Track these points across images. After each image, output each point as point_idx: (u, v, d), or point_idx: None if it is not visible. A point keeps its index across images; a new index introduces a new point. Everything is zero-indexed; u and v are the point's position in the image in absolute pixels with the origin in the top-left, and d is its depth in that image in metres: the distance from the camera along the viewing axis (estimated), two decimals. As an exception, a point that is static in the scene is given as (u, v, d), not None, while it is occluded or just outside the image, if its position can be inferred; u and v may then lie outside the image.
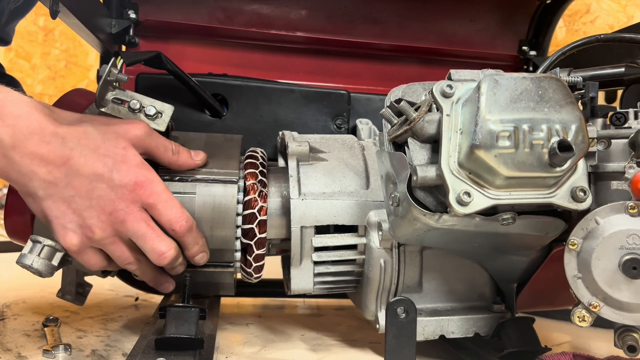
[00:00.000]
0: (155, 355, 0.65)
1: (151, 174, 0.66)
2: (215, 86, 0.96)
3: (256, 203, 0.73)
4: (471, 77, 0.64)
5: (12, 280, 1.18)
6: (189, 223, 0.68)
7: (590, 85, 0.64)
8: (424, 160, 0.62)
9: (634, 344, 0.58)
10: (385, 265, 0.72)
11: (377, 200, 0.74)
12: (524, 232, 0.62)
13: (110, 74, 0.71)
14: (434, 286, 0.75)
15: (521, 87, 0.57)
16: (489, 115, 0.55)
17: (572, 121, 0.56)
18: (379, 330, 0.73)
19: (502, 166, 0.55)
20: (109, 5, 0.99)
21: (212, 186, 0.72)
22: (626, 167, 0.58)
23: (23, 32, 2.57)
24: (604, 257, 0.57)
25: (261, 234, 0.73)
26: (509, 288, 0.75)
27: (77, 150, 0.63)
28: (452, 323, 0.73)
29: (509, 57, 1.16)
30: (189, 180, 0.72)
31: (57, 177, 0.62)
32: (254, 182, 0.74)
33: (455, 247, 0.72)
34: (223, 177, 0.73)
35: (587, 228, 0.59)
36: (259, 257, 0.74)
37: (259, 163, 0.77)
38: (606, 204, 0.59)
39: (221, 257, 0.74)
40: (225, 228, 0.73)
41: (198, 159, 0.73)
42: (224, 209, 0.72)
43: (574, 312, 0.59)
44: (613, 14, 1.70)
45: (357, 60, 1.11)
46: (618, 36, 0.72)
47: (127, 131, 0.67)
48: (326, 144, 0.81)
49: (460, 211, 0.57)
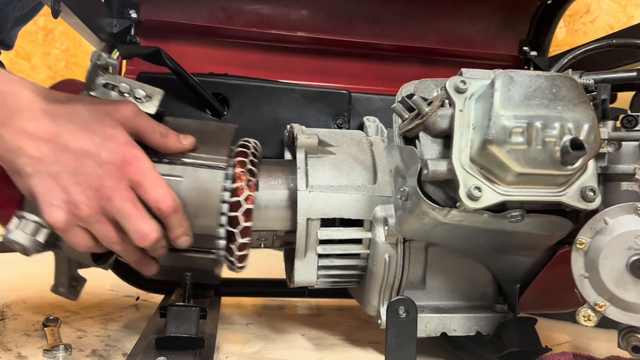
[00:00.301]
0: (155, 354, 0.65)
1: (139, 152, 0.66)
2: (216, 86, 0.96)
3: (243, 191, 0.72)
4: (482, 76, 0.64)
5: (12, 280, 1.18)
6: (175, 203, 0.67)
7: (602, 88, 0.65)
8: (435, 154, 0.62)
9: (638, 345, 0.58)
10: (389, 261, 0.72)
11: (384, 196, 0.74)
12: (531, 231, 0.63)
13: (100, 59, 0.72)
14: (437, 284, 0.76)
15: (535, 84, 0.57)
16: (503, 110, 0.56)
17: (585, 120, 0.56)
18: (380, 325, 0.73)
19: (514, 162, 0.55)
20: (110, 4, 0.99)
21: (200, 171, 0.72)
22: (636, 169, 0.59)
23: (23, 32, 2.56)
24: (612, 257, 0.57)
25: (246, 222, 0.72)
26: (511, 289, 0.75)
27: (66, 127, 0.63)
28: (455, 321, 0.73)
29: (510, 57, 1.16)
30: (176, 163, 0.72)
31: (45, 153, 0.62)
32: (242, 171, 0.73)
33: (460, 244, 0.72)
34: (211, 163, 0.72)
35: (595, 228, 0.59)
36: (242, 245, 0.73)
37: (250, 152, 0.76)
38: (615, 205, 0.59)
39: (204, 243, 0.73)
40: (209, 214, 0.72)
41: (186, 142, 0.72)
42: (209, 194, 0.71)
43: (579, 311, 0.59)
44: (613, 14, 1.70)
45: (357, 60, 1.11)
46: (629, 42, 0.73)
47: (115, 110, 0.67)
48: (335, 138, 0.81)
49: (471, 206, 0.57)
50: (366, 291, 0.76)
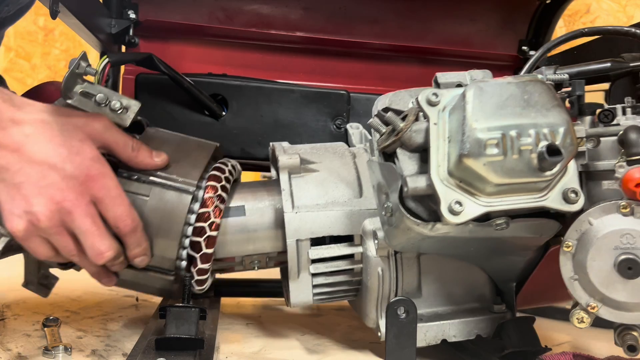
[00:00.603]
0: (155, 355, 0.65)
1: (104, 168, 0.66)
2: (214, 86, 0.96)
3: (208, 217, 0.71)
4: (458, 80, 0.63)
5: (12, 280, 1.17)
6: (134, 223, 0.67)
7: (576, 84, 0.64)
8: (414, 170, 0.61)
9: (633, 344, 0.58)
10: (383, 274, 0.72)
11: (371, 209, 0.73)
12: (518, 235, 0.62)
13: (79, 67, 0.71)
14: (433, 290, 0.75)
15: (507, 92, 0.56)
16: (476, 123, 0.55)
17: (559, 124, 0.55)
18: (381, 338, 0.72)
19: (491, 174, 0.55)
20: (108, 5, 0.99)
21: (167, 192, 0.71)
22: (616, 166, 0.58)
23: (23, 32, 2.57)
24: (599, 258, 0.57)
25: (207, 249, 0.71)
26: (508, 287, 0.75)
27: (33, 138, 0.63)
28: (454, 327, 0.73)
29: (509, 57, 1.16)
30: (145, 181, 0.71)
31: (10, 162, 0.62)
32: (211, 196, 0.72)
33: (451, 252, 0.72)
34: (180, 185, 0.72)
35: (580, 229, 0.58)
36: (201, 271, 0.73)
37: (224, 177, 0.75)
38: (599, 202, 0.59)
39: (162, 263, 0.73)
40: (170, 237, 0.71)
41: (158, 159, 0.71)
42: (173, 217, 0.71)
43: (572, 313, 0.59)
44: (613, 13, 1.70)
45: (356, 60, 1.11)
46: (602, 28, 0.72)
47: (86, 124, 0.67)
48: (317, 154, 0.80)
49: (453, 221, 0.56)
50: (363, 304, 0.75)
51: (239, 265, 0.79)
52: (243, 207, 0.75)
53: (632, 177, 0.56)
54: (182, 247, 0.72)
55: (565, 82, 0.66)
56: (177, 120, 0.95)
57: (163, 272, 0.73)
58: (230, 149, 0.97)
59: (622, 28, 0.70)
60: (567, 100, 0.64)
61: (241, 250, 0.76)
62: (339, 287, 0.76)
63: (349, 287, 0.77)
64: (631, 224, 0.57)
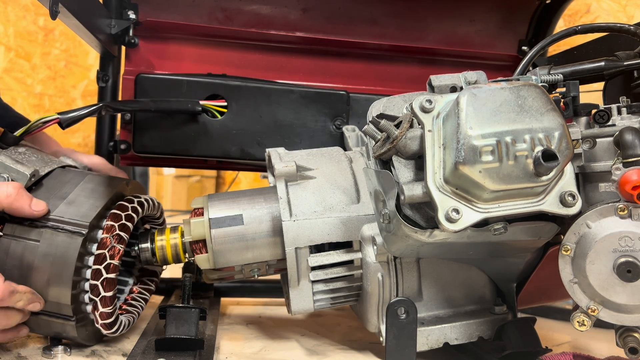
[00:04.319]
0: (155, 355, 0.65)
1: None
2: (214, 86, 0.96)
3: (105, 260, 0.70)
4: (452, 82, 0.63)
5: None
6: (4, 294, 0.66)
7: (571, 85, 0.64)
8: (410, 177, 0.61)
9: (635, 346, 0.58)
10: (383, 279, 0.71)
11: (368, 214, 0.73)
12: (517, 239, 0.62)
13: None
14: (433, 293, 0.75)
15: (500, 98, 0.56)
16: (470, 131, 0.55)
17: (554, 128, 0.55)
18: (382, 342, 0.72)
19: (487, 180, 0.55)
20: (108, 5, 0.99)
21: (58, 235, 0.70)
22: (613, 169, 0.57)
23: (23, 32, 2.57)
24: (598, 262, 0.57)
25: (106, 292, 0.70)
26: (508, 288, 0.75)
27: None
28: (455, 330, 0.73)
29: (509, 57, 1.16)
30: (37, 225, 0.70)
31: None
32: (108, 237, 0.71)
33: (451, 256, 0.72)
34: (71, 228, 0.70)
35: (579, 233, 0.58)
36: (104, 315, 0.71)
37: (125, 215, 0.74)
38: (597, 204, 0.58)
39: (60, 309, 0.71)
40: (61, 283, 0.69)
41: (37, 209, 0.70)
42: (64, 262, 0.69)
43: (573, 316, 0.59)
44: (613, 13, 1.70)
45: (356, 60, 1.11)
46: (596, 26, 0.72)
47: None
48: (313, 160, 0.79)
49: (451, 228, 0.56)
50: (364, 310, 0.75)
51: (239, 274, 0.79)
52: (241, 216, 0.74)
53: (629, 180, 0.55)
54: (84, 290, 0.71)
55: (559, 83, 0.65)
56: (177, 120, 0.95)
57: (63, 317, 0.71)
58: (229, 149, 0.97)
59: (615, 25, 0.70)
60: (562, 102, 0.64)
61: (240, 259, 0.76)
62: (340, 293, 0.76)
63: (349, 293, 0.76)
64: (629, 226, 0.56)
